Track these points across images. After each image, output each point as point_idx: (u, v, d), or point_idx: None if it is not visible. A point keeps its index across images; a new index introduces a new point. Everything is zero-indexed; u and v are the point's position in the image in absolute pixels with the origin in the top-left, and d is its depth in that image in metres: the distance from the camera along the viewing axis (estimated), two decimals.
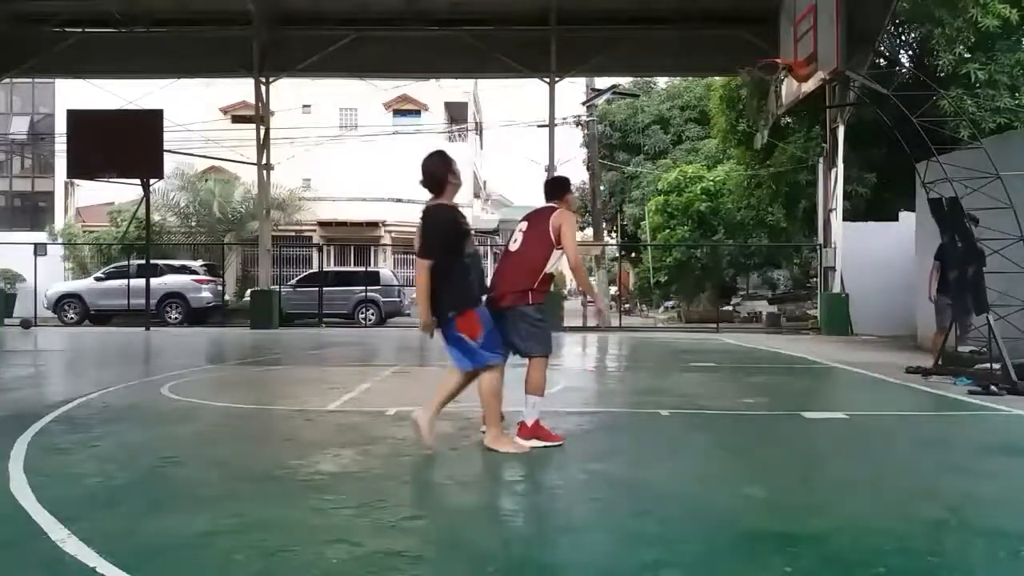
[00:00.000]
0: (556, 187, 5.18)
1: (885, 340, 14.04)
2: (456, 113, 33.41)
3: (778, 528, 3.24)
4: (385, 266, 25.65)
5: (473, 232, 4.94)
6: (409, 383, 8.64)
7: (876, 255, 15.42)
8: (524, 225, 4.97)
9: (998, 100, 13.15)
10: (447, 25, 17.55)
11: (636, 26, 17.26)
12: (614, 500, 3.73)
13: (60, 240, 25.56)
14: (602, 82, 23.16)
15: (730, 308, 23.92)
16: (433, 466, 4.30)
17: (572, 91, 24.56)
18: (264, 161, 18.07)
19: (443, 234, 4.52)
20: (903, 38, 16.25)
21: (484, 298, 4.77)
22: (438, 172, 4.58)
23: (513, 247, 4.93)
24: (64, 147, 18.56)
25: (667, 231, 24.86)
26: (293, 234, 27.32)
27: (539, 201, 5.33)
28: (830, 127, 15.98)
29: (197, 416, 6.00)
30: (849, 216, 16.56)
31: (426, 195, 4.74)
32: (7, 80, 22.06)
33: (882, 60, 14.62)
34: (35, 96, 34.46)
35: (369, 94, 27.87)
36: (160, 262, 20.15)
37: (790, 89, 12.47)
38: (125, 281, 19.15)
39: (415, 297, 4.39)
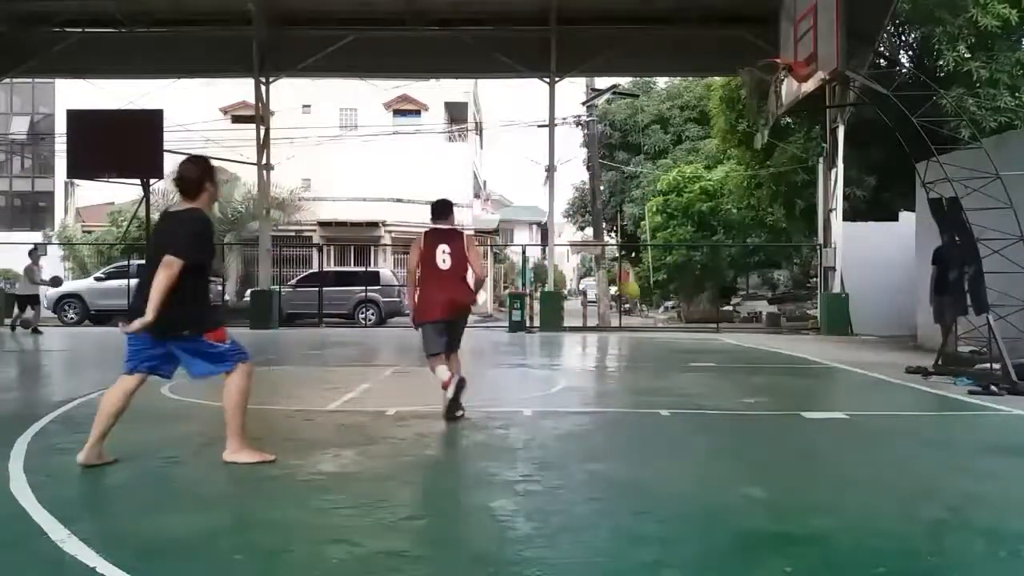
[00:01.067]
0: (449, 209, 5.89)
1: (885, 340, 14.04)
2: (456, 113, 33.40)
3: (778, 528, 3.24)
4: (385, 266, 25.64)
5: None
6: (409, 383, 8.64)
7: (876, 255, 15.41)
8: (445, 247, 5.63)
9: (999, 99, 13.14)
10: (447, 25, 17.54)
11: (636, 26, 17.26)
12: (614, 500, 3.73)
13: (56, 240, 25.55)
14: (602, 82, 23.17)
15: (730, 308, 23.92)
16: (433, 466, 4.30)
17: (572, 91, 24.56)
18: (264, 161, 18.07)
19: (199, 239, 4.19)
20: (903, 38, 16.24)
21: (440, 311, 5.56)
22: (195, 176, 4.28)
23: (445, 266, 5.60)
24: (64, 147, 18.56)
25: (667, 231, 24.86)
26: (293, 234, 27.31)
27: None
28: (830, 127, 15.98)
29: (197, 416, 6.00)
30: (849, 216, 16.56)
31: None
32: (7, 80, 22.07)
33: (882, 60, 14.63)
34: (35, 96, 34.47)
35: (369, 94, 27.87)
36: None
37: (790, 89, 12.47)
38: (125, 281, 19.14)
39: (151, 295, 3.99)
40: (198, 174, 4.25)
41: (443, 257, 5.58)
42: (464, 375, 5.71)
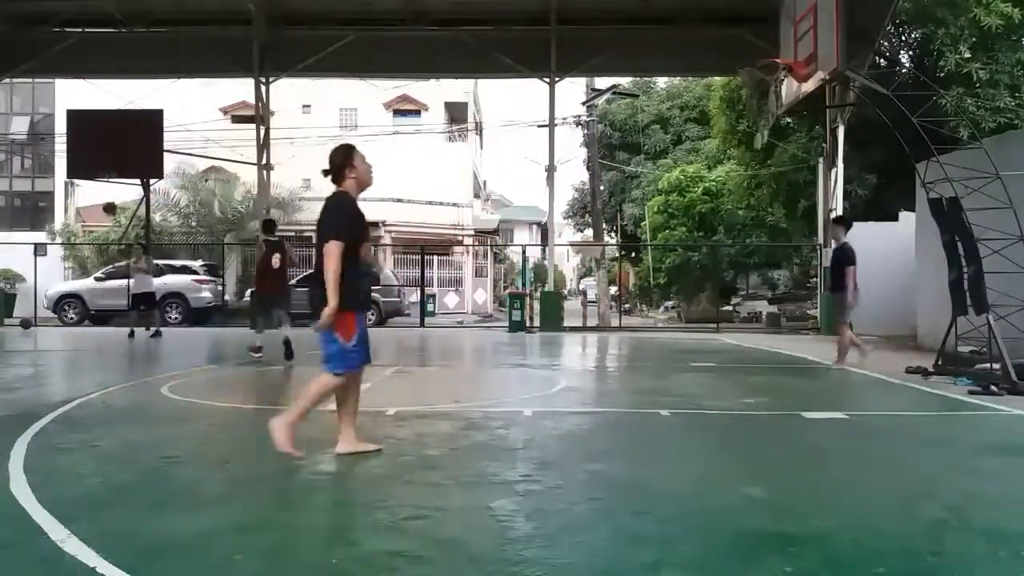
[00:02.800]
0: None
1: (885, 340, 14.03)
2: (456, 113, 33.40)
3: (778, 528, 3.24)
4: (385, 266, 25.63)
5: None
6: (409, 383, 8.64)
7: (876, 255, 15.39)
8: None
9: (999, 100, 13.14)
10: (447, 25, 17.56)
11: (636, 26, 17.28)
12: (614, 500, 3.73)
13: (59, 240, 25.55)
14: (602, 82, 23.18)
15: (730, 308, 23.93)
16: (433, 466, 4.30)
17: (572, 91, 24.60)
18: (264, 161, 18.08)
19: (348, 219, 4.40)
20: (903, 38, 16.25)
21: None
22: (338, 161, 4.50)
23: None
24: (64, 147, 18.57)
25: (667, 231, 24.87)
26: (293, 234, 27.29)
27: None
28: (830, 127, 15.98)
29: (197, 416, 6.00)
30: (849, 216, 16.53)
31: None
32: (7, 80, 22.08)
33: (882, 60, 14.63)
34: (35, 96, 34.46)
35: (369, 94, 27.86)
36: (160, 262, 20.13)
37: (790, 89, 12.47)
38: (125, 281, 19.14)
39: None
40: (339, 160, 4.51)
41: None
42: None
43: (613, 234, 34.40)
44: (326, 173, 4.51)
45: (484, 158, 39.85)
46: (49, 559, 2.81)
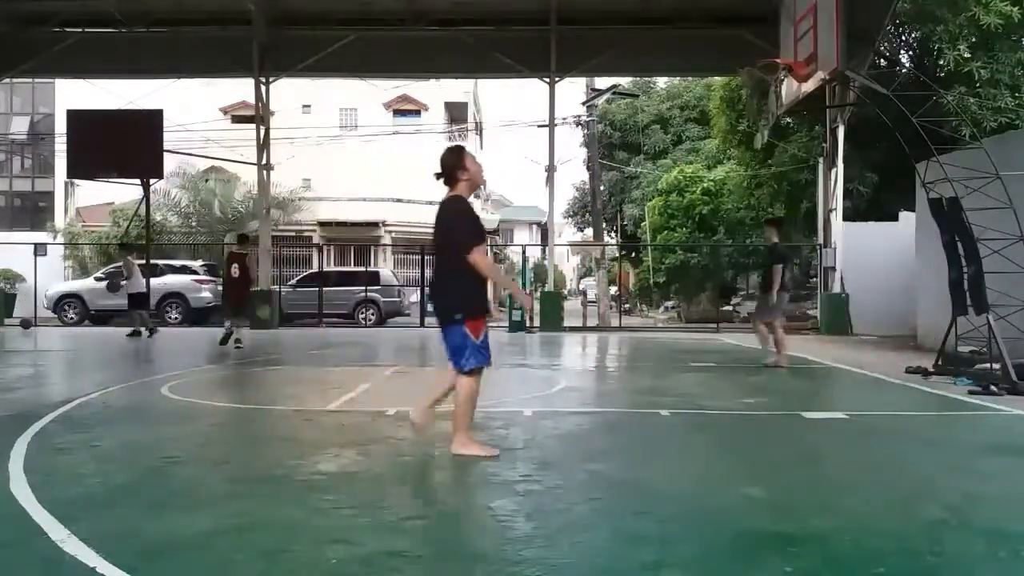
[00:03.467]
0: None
1: (885, 340, 14.04)
2: (456, 113, 33.40)
3: (778, 528, 3.24)
4: (385, 266, 25.65)
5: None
6: (409, 383, 8.64)
7: (876, 255, 15.42)
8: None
9: (999, 99, 13.14)
10: (447, 25, 17.55)
11: (636, 26, 17.27)
12: (614, 500, 3.73)
13: (61, 240, 25.55)
14: (602, 82, 23.17)
15: (730, 308, 23.91)
16: (433, 466, 4.30)
17: (572, 91, 24.62)
18: (264, 161, 18.07)
19: (472, 222, 4.45)
20: (903, 38, 16.25)
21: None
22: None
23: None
24: (64, 147, 18.56)
25: (667, 231, 24.86)
26: (293, 234, 27.31)
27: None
28: (830, 127, 15.98)
29: (197, 416, 6.00)
30: (849, 216, 16.56)
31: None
32: (7, 80, 22.07)
33: (882, 60, 14.62)
34: (35, 96, 34.47)
35: (369, 94, 27.87)
36: (160, 262, 20.15)
37: (790, 89, 12.47)
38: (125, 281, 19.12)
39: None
40: (452, 163, 4.43)
41: None
42: None
43: (613, 234, 34.39)
44: (439, 176, 4.49)
45: (484, 158, 39.75)
46: (49, 559, 2.81)
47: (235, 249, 13.27)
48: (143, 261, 19.37)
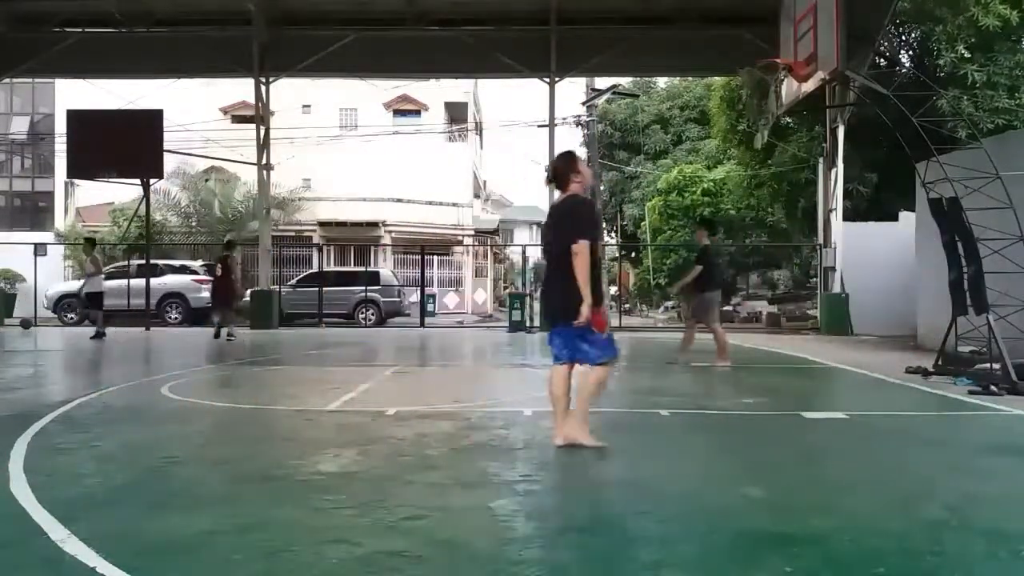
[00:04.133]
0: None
1: (885, 340, 14.03)
2: (456, 113, 33.40)
3: (778, 528, 3.24)
4: (385, 266, 25.65)
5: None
6: (409, 383, 8.64)
7: (876, 255, 15.41)
8: None
9: (997, 101, 13.14)
10: (447, 25, 17.55)
11: (636, 26, 17.27)
12: (614, 500, 3.73)
13: (63, 240, 25.57)
14: (602, 82, 23.18)
15: (730, 308, 23.90)
16: (433, 466, 4.30)
17: (572, 91, 24.64)
18: (264, 161, 18.07)
19: (590, 221, 4.62)
20: (903, 38, 16.25)
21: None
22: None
23: None
24: (64, 147, 18.57)
25: (668, 232, 24.86)
26: (293, 234, 27.32)
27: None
28: (830, 127, 15.97)
29: (197, 416, 6.00)
30: (849, 216, 16.56)
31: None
32: (7, 80, 22.07)
33: (882, 60, 14.63)
34: (35, 96, 34.45)
35: (369, 94, 27.86)
36: (160, 262, 20.16)
37: (790, 89, 12.47)
38: (125, 281, 19.16)
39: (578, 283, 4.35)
40: (564, 167, 4.66)
41: None
42: None
43: (613, 234, 34.40)
44: (550, 180, 4.77)
45: (484, 158, 39.84)
46: (49, 559, 2.81)
47: (221, 252, 15.38)
48: (143, 261, 19.44)
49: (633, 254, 31.79)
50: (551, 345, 4.70)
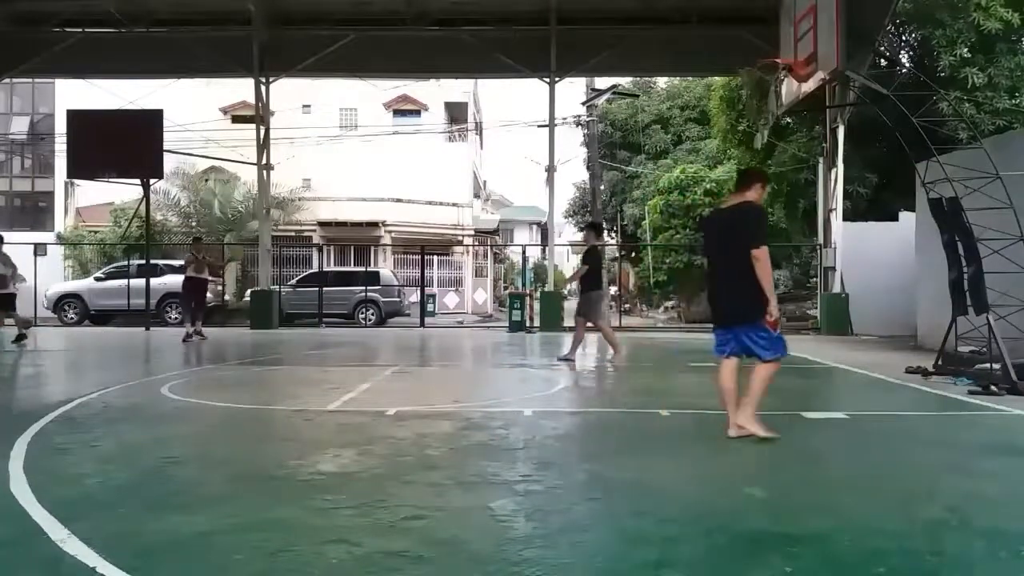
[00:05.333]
0: None
1: (885, 340, 14.03)
2: (456, 113, 33.40)
3: (778, 528, 3.24)
4: (385, 266, 25.65)
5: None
6: (409, 383, 8.64)
7: (876, 255, 15.41)
8: None
9: (997, 102, 13.13)
10: (447, 25, 17.55)
11: (636, 26, 17.25)
12: (614, 500, 3.73)
13: (63, 240, 25.59)
14: (602, 82, 23.17)
15: None
16: (433, 466, 4.30)
17: (572, 91, 24.66)
18: (264, 161, 18.06)
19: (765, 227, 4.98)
20: (903, 38, 16.25)
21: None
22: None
23: None
24: (64, 147, 18.56)
25: (668, 231, 24.85)
26: (293, 234, 27.31)
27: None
28: (830, 127, 15.97)
29: (197, 416, 6.00)
30: (849, 216, 16.56)
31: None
32: (7, 80, 22.06)
33: (882, 60, 14.62)
34: (35, 96, 34.42)
35: (369, 94, 27.86)
36: (160, 262, 20.16)
37: (790, 89, 12.46)
38: (125, 281, 19.16)
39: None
40: (757, 179, 5.10)
41: None
42: None
43: (613, 234, 34.39)
44: (740, 183, 5.15)
45: (484, 158, 39.86)
46: (49, 559, 2.81)
47: (190, 250, 15.04)
48: (143, 261, 19.42)
49: (633, 254, 31.76)
50: (718, 342, 5.06)
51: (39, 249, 20.44)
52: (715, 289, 5.14)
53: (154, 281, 18.50)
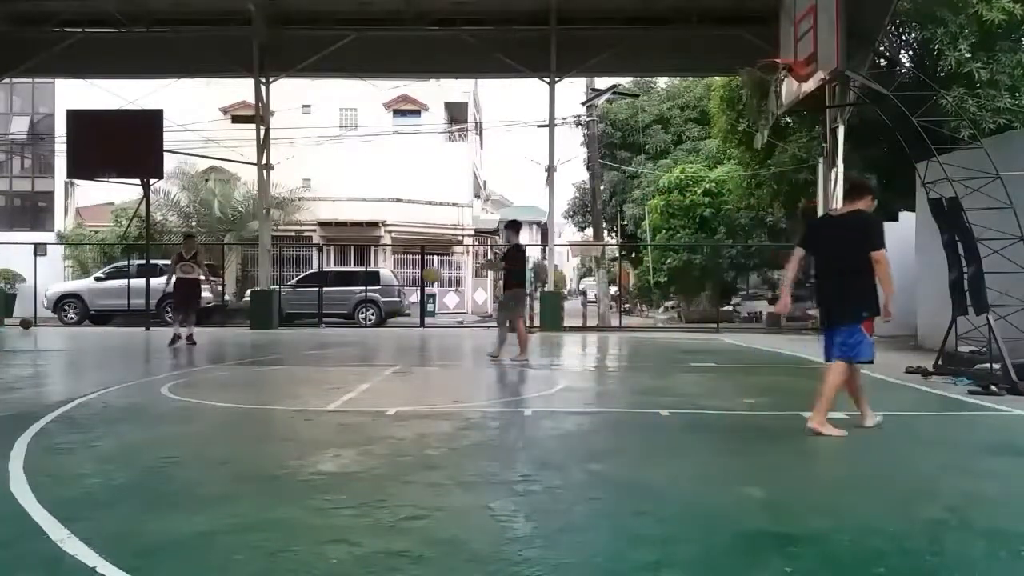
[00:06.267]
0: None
1: (885, 340, 14.00)
2: (456, 113, 33.41)
3: (778, 528, 3.24)
4: (385, 266, 25.66)
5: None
6: (409, 383, 8.64)
7: None
8: None
9: (999, 100, 13.12)
10: (447, 25, 17.55)
11: (636, 26, 17.26)
12: (614, 500, 3.73)
13: (63, 240, 25.60)
14: (602, 82, 23.17)
15: (730, 308, 23.92)
16: (433, 466, 4.30)
17: (572, 91, 24.68)
18: (264, 161, 18.07)
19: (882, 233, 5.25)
20: (903, 38, 16.24)
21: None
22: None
23: None
24: (64, 147, 18.56)
25: (668, 231, 24.86)
26: (293, 234, 27.32)
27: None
28: (830, 127, 15.96)
29: (197, 416, 6.00)
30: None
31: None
32: (7, 80, 22.06)
33: (882, 60, 14.62)
34: (35, 96, 34.42)
35: (369, 94, 27.87)
36: (160, 262, 20.15)
37: (790, 89, 12.46)
38: (125, 281, 19.16)
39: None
40: (869, 191, 5.44)
41: None
42: None
43: (613, 234, 34.38)
44: (849, 192, 5.55)
45: (484, 158, 39.86)
46: (49, 559, 2.81)
47: (180, 248, 14.14)
48: (143, 261, 19.42)
49: (633, 254, 31.77)
50: (826, 346, 5.33)
51: (39, 249, 20.46)
52: (827, 289, 5.38)
53: (154, 281, 18.50)
